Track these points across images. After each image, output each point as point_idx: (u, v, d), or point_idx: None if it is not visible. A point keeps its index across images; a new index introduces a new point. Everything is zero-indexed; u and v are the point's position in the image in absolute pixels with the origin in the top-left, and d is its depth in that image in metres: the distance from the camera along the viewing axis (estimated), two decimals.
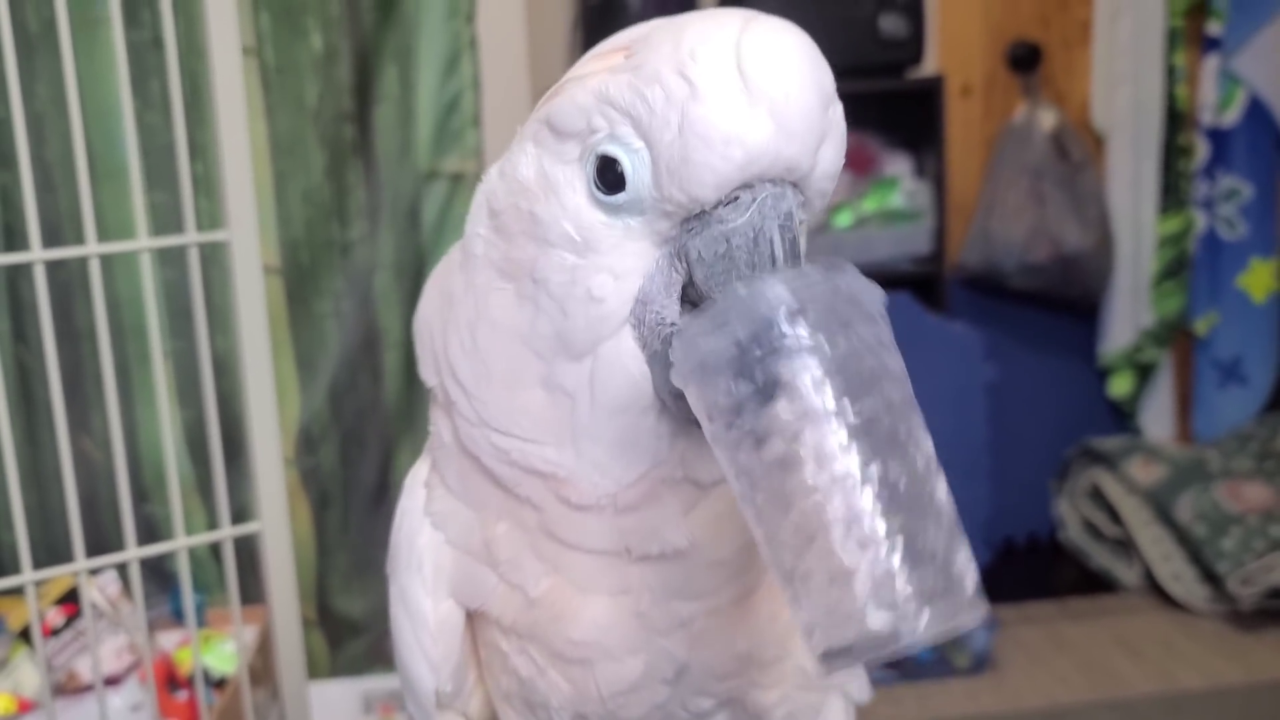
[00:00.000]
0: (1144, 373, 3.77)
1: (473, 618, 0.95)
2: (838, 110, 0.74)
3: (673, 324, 0.75)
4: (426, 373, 0.90)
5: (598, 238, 0.76)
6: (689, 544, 0.82)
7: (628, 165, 0.73)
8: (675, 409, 0.77)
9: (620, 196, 0.74)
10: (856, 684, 1.01)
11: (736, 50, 0.70)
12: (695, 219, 0.73)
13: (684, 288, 0.76)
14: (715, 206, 0.72)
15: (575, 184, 0.76)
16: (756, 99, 0.69)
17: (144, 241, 1.55)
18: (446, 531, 0.91)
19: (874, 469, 0.64)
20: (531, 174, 0.79)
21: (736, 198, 0.71)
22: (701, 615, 0.87)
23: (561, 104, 0.76)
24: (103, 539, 2.48)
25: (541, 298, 0.78)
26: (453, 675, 0.94)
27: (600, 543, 0.83)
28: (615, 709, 0.90)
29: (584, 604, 0.85)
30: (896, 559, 0.63)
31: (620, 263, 0.76)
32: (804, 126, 0.71)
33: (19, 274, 2.47)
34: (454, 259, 0.88)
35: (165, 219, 2.57)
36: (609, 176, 0.74)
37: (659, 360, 0.75)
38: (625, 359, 0.77)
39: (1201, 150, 3.65)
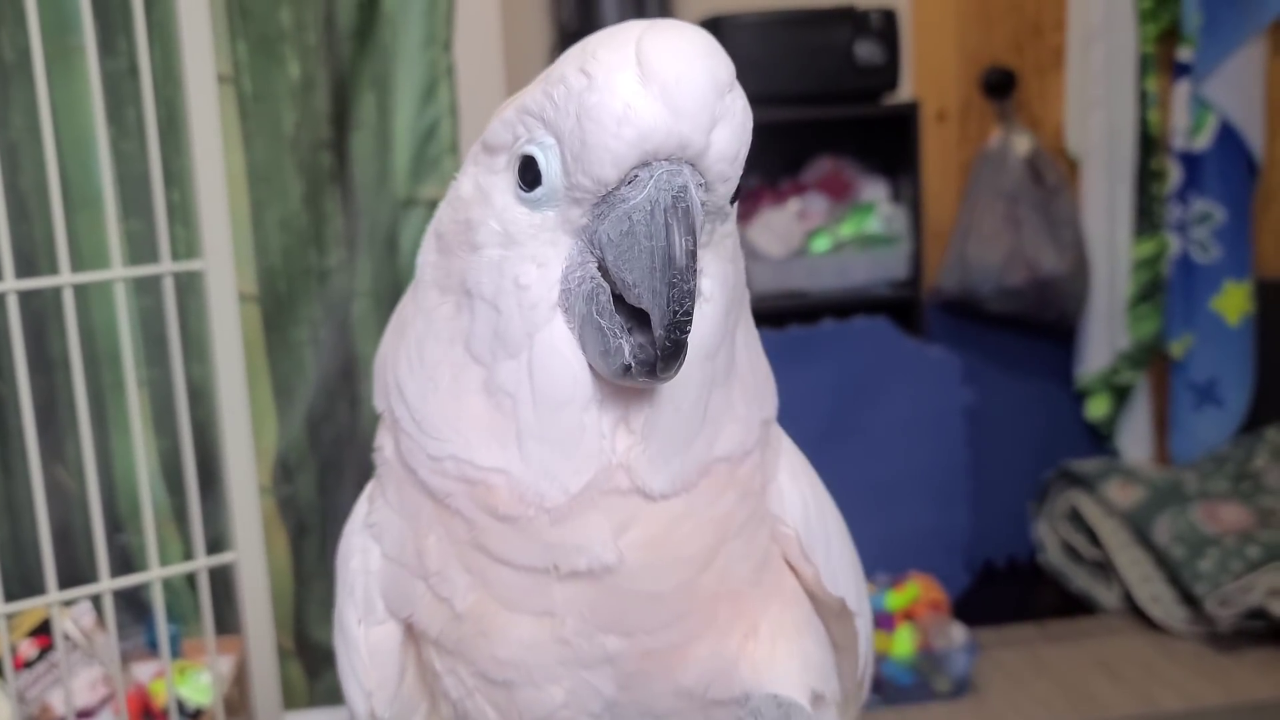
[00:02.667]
0: (1121, 395, 3.79)
1: (417, 644, 0.94)
2: (738, 98, 0.77)
3: (593, 278, 0.79)
4: (378, 400, 0.93)
5: (520, 230, 0.80)
6: (617, 561, 0.82)
7: (541, 160, 0.78)
8: (611, 370, 0.78)
9: (538, 191, 0.79)
10: None
11: (636, 44, 0.75)
12: (603, 202, 0.77)
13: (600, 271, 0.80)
14: (618, 187, 0.76)
15: (503, 187, 0.82)
16: (649, 81, 0.74)
17: (118, 271, 1.55)
18: (382, 543, 0.92)
19: None
20: (470, 188, 0.85)
21: (636, 176, 0.75)
22: (635, 656, 0.86)
23: (493, 124, 0.83)
24: (77, 569, 2.46)
25: (477, 303, 0.82)
26: (390, 703, 0.95)
27: (527, 558, 0.83)
28: None
29: (509, 621, 0.85)
30: None
31: (541, 251, 0.80)
32: (695, 106, 0.74)
33: None
34: (408, 294, 0.93)
35: (141, 247, 2.56)
36: (528, 175, 0.79)
37: (589, 323, 0.78)
38: (559, 345, 0.80)
39: (1174, 174, 3.68)
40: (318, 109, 2.68)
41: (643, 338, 0.77)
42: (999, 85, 3.71)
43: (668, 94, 0.73)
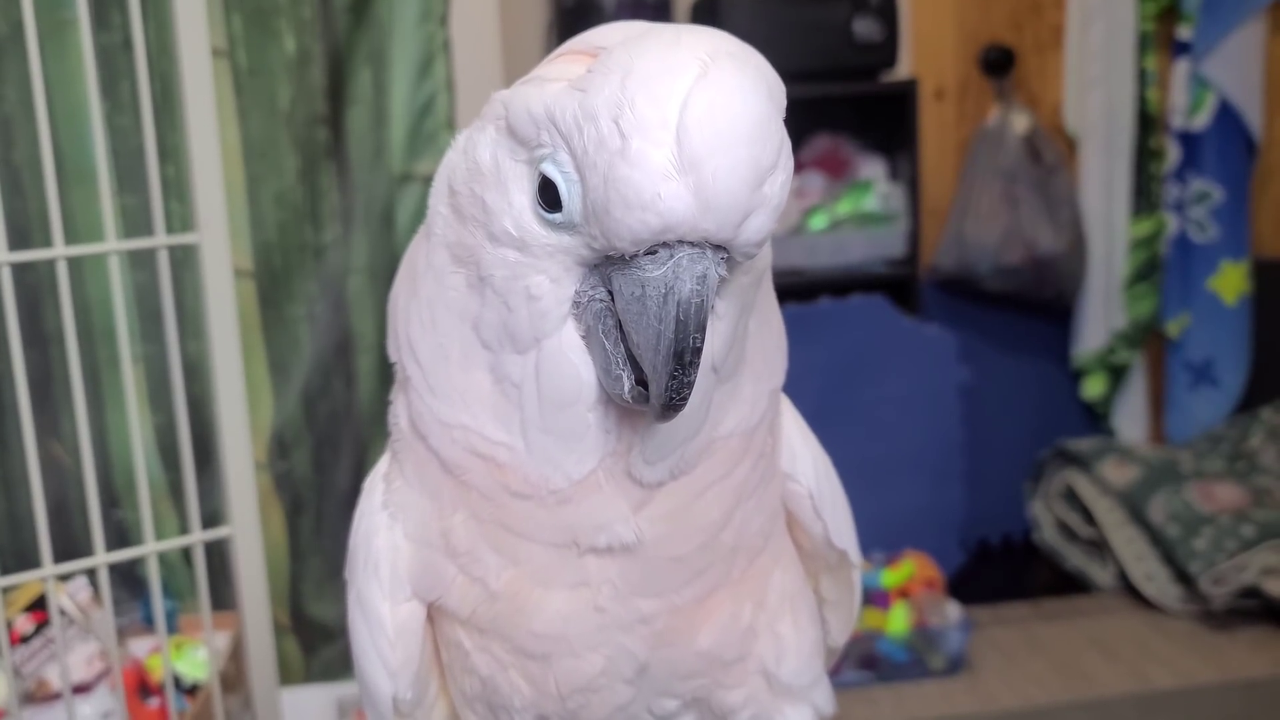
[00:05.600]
0: (1117, 374, 3.79)
1: (435, 620, 0.94)
2: (775, 181, 0.71)
3: (602, 300, 0.77)
4: (391, 349, 0.91)
5: (536, 243, 0.77)
6: (637, 539, 0.83)
7: (564, 191, 0.74)
8: (611, 392, 0.78)
9: (557, 216, 0.75)
10: (823, 696, 1.02)
11: (681, 110, 0.68)
12: (619, 258, 0.74)
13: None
14: (635, 255, 0.72)
15: (522, 185, 0.77)
16: (684, 168, 0.68)
17: (112, 244, 1.54)
18: (405, 523, 0.91)
19: None
20: (488, 158, 0.80)
21: (656, 251, 0.72)
22: (664, 614, 0.87)
23: (519, 108, 0.76)
24: (73, 545, 2.46)
25: (488, 291, 0.80)
26: (412, 683, 0.94)
27: (549, 535, 0.83)
28: (575, 709, 0.90)
29: (545, 597, 0.86)
30: None
31: (555, 269, 0.77)
32: (728, 204, 0.69)
33: None
34: (420, 236, 0.90)
35: (137, 223, 2.55)
36: (549, 195, 0.75)
37: (594, 338, 0.77)
38: (568, 351, 0.78)
39: (1172, 153, 3.67)
40: (313, 84, 2.68)
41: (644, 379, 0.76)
42: (997, 63, 3.69)
43: (702, 189, 0.68)
